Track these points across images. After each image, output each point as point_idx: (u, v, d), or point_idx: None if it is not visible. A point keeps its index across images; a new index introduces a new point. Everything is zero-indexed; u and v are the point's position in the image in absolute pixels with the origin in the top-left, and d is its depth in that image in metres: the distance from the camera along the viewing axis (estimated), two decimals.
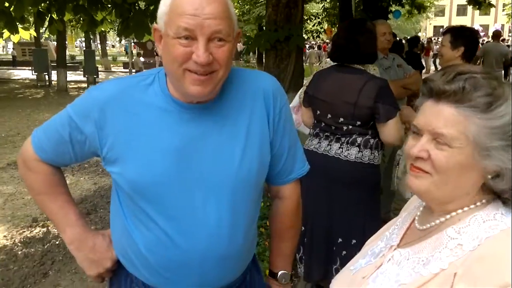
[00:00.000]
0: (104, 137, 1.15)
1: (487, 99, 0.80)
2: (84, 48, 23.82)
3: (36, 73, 16.04)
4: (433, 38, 31.30)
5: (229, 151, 1.16)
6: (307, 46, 23.84)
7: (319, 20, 14.16)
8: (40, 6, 4.69)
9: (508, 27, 36.18)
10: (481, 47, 9.61)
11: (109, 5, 5.00)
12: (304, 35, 9.14)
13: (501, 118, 0.80)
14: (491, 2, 11.53)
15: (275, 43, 4.18)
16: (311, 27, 14.16)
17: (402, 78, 3.51)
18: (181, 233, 1.15)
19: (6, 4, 4.33)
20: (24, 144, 1.28)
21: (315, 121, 2.55)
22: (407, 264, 0.87)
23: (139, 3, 5.05)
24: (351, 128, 2.36)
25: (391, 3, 10.15)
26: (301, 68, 4.59)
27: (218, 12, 1.03)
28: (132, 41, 19.23)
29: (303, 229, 2.40)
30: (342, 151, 2.38)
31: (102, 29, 6.13)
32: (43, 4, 4.74)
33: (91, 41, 25.80)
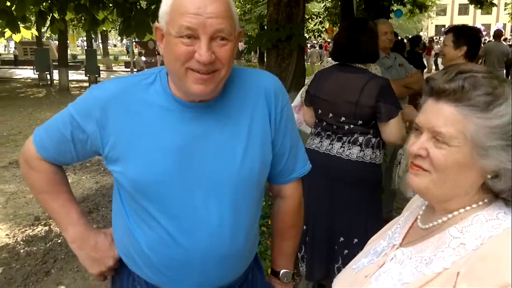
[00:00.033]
0: (106, 136, 1.15)
1: (487, 98, 0.80)
2: (86, 48, 23.80)
3: (38, 72, 16.07)
4: (435, 38, 31.28)
5: (231, 150, 1.16)
6: (309, 46, 23.84)
7: (321, 19, 14.16)
8: (42, 5, 4.69)
9: (510, 27, 36.06)
10: (483, 47, 9.58)
11: (111, 5, 5.01)
12: (306, 34, 9.13)
13: (501, 118, 0.80)
14: (493, 1, 11.51)
15: (277, 43, 4.18)
16: (313, 26, 14.16)
17: (404, 77, 3.51)
18: (183, 232, 1.15)
19: (8, 3, 4.33)
20: (26, 143, 1.28)
21: (317, 120, 2.54)
22: (410, 263, 0.87)
23: (141, 3, 5.05)
24: (353, 127, 2.36)
25: (393, 2, 10.15)
26: (303, 68, 4.58)
27: (220, 11, 1.03)
28: (134, 41, 19.22)
29: (305, 228, 2.40)
30: (344, 150, 2.38)
31: (104, 29, 6.13)
32: (45, 3, 4.74)
33: (93, 41, 25.81)
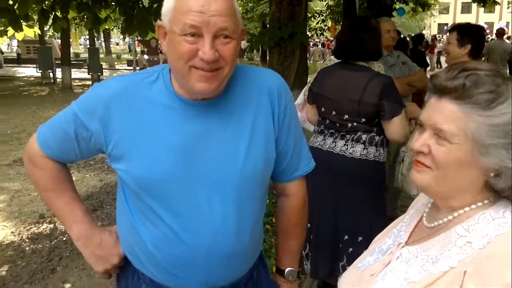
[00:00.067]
0: (109, 134, 1.14)
1: (489, 96, 0.79)
2: (88, 46, 23.83)
3: (41, 71, 16.12)
4: (438, 36, 31.18)
5: (234, 148, 1.15)
6: (311, 44, 23.80)
7: (323, 18, 14.14)
8: (44, 4, 4.69)
9: None
10: (486, 45, 9.55)
11: (113, 3, 5.01)
12: (308, 33, 9.11)
13: (502, 116, 0.79)
14: (496, 0, 11.45)
15: (279, 41, 4.17)
16: (315, 25, 14.14)
17: (407, 75, 3.50)
18: (187, 230, 1.15)
19: (10, 2, 4.34)
20: (30, 141, 1.28)
21: (320, 118, 2.54)
22: (416, 262, 0.87)
23: (143, 1, 5.05)
24: (356, 125, 2.35)
25: (395, 1, 10.10)
26: (305, 66, 4.57)
27: (224, 9, 1.02)
28: (136, 39, 19.24)
29: (309, 226, 2.40)
30: (347, 148, 2.37)
31: (106, 27, 6.13)
32: (47, 2, 4.75)
33: (95, 39, 25.82)
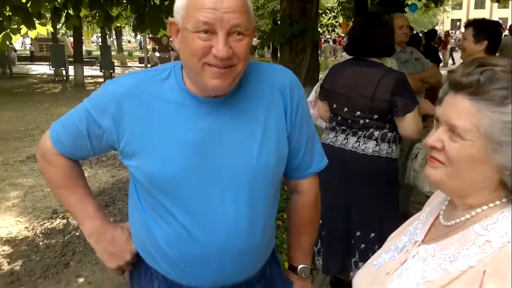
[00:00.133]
0: (121, 131, 1.14)
1: (503, 93, 0.78)
2: (100, 44, 24.02)
3: (54, 68, 16.31)
4: (451, 32, 30.84)
5: (247, 145, 1.15)
6: (322, 40, 23.68)
7: (334, 14, 14.03)
8: (57, 2, 4.75)
9: None
10: None
11: (125, 1, 5.03)
12: (319, 29, 9.06)
13: None
14: None
15: (290, 37, 4.16)
16: (326, 21, 14.03)
17: (420, 72, 3.46)
18: (200, 227, 1.15)
19: (23, 0, 4.38)
20: (43, 138, 1.29)
21: (332, 115, 2.52)
22: (433, 261, 0.85)
23: None
24: (368, 122, 2.33)
25: None
26: (317, 62, 4.55)
27: (237, 6, 1.02)
28: (148, 36, 19.34)
29: (321, 222, 2.38)
30: (359, 145, 2.35)
31: (118, 25, 6.16)
32: (60, 0, 4.79)
33: (107, 37, 26.04)
